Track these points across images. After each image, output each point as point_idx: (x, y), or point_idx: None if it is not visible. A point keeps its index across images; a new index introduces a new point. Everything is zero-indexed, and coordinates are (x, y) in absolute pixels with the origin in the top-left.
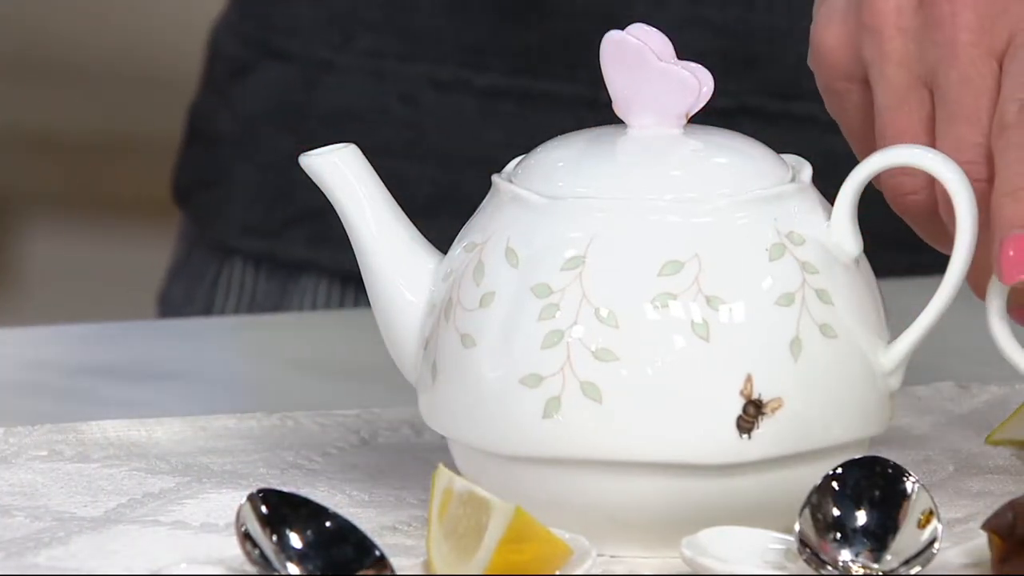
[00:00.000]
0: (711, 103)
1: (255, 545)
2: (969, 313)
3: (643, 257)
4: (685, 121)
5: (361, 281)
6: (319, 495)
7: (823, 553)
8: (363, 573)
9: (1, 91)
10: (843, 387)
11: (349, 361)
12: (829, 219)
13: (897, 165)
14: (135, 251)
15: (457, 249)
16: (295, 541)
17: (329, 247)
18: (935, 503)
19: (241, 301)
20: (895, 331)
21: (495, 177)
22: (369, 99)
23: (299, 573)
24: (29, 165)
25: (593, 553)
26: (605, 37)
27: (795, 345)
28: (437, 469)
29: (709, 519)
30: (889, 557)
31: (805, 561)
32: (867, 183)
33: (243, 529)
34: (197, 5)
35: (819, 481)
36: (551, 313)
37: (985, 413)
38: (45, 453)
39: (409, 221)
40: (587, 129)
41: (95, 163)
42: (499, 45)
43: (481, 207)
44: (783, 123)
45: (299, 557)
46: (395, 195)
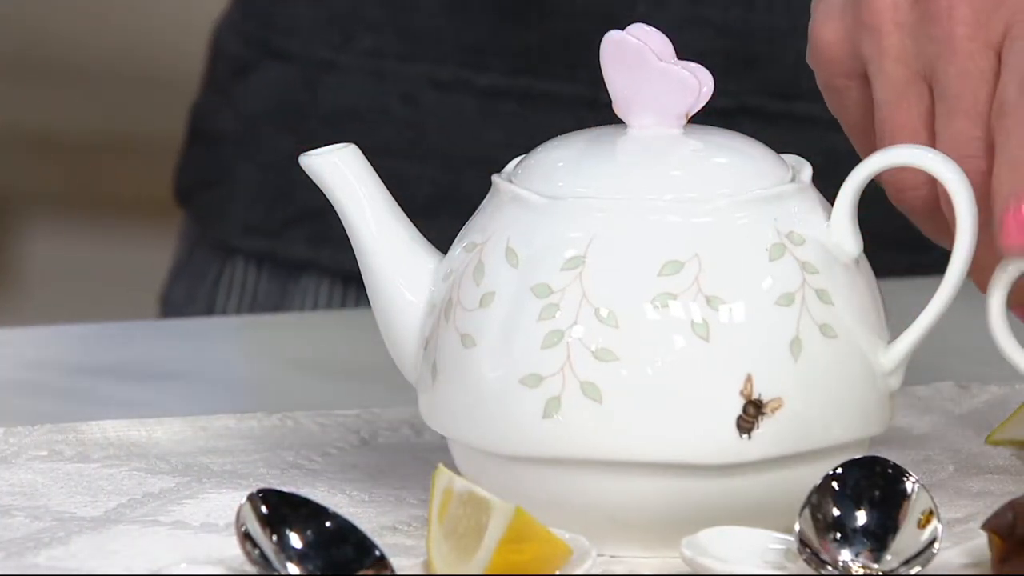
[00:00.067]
0: (712, 103)
1: (255, 545)
2: (969, 313)
3: (643, 257)
4: (685, 121)
5: (362, 281)
6: (319, 495)
7: (823, 553)
8: (363, 573)
9: (1, 91)
10: (843, 387)
11: (349, 361)
12: (829, 219)
13: (897, 165)
14: (135, 251)
15: (457, 249)
16: (295, 541)
17: (330, 247)
18: (935, 503)
19: (243, 301)
20: (895, 331)
21: (495, 177)
22: (369, 99)
23: (299, 573)
24: (29, 165)
25: (593, 553)
26: (605, 37)
27: (795, 345)
28: (437, 469)
29: (709, 519)
30: (889, 557)
31: (805, 561)
32: (867, 183)
33: (243, 529)
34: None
35: (819, 481)
36: (551, 313)
37: (985, 413)
38: (45, 453)
39: (409, 221)
40: (587, 129)
41: (95, 163)
42: (499, 45)
43: (481, 207)
44: (784, 123)
45: (299, 557)
46: (395, 195)
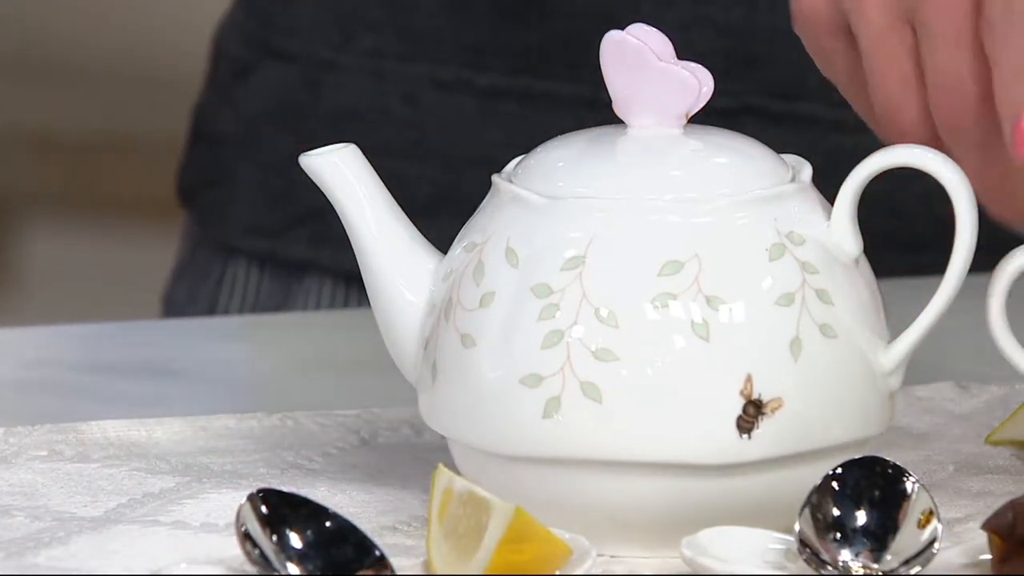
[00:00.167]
0: (714, 103)
1: (255, 545)
2: (969, 313)
3: (643, 257)
4: (685, 121)
5: (363, 281)
6: (319, 495)
7: (823, 553)
8: (363, 573)
9: (1, 91)
10: (843, 387)
11: (350, 361)
12: (829, 219)
13: (898, 164)
14: (135, 251)
15: (457, 249)
16: (295, 541)
17: (330, 247)
18: (935, 503)
19: (245, 301)
20: (895, 331)
21: (495, 177)
22: (370, 99)
23: (299, 573)
24: (29, 165)
25: (593, 553)
26: (605, 37)
27: (795, 345)
28: (437, 469)
29: (709, 519)
30: (889, 557)
31: (805, 561)
32: (867, 184)
33: (243, 529)
34: (198, 5)
35: (819, 481)
36: (551, 313)
37: (985, 413)
38: (45, 453)
39: (409, 221)
40: (587, 129)
41: (95, 163)
42: (500, 45)
43: (481, 207)
44: (786, 123)
45: (299, 557)
46: (395, 195)
